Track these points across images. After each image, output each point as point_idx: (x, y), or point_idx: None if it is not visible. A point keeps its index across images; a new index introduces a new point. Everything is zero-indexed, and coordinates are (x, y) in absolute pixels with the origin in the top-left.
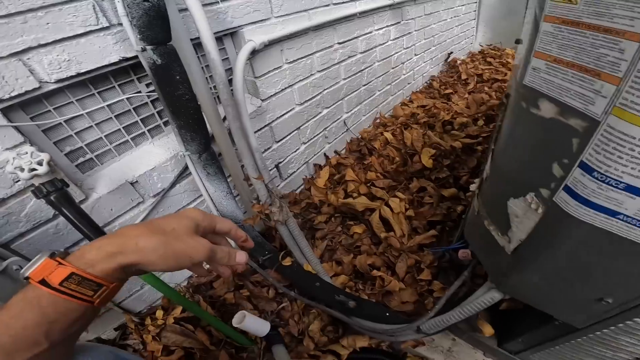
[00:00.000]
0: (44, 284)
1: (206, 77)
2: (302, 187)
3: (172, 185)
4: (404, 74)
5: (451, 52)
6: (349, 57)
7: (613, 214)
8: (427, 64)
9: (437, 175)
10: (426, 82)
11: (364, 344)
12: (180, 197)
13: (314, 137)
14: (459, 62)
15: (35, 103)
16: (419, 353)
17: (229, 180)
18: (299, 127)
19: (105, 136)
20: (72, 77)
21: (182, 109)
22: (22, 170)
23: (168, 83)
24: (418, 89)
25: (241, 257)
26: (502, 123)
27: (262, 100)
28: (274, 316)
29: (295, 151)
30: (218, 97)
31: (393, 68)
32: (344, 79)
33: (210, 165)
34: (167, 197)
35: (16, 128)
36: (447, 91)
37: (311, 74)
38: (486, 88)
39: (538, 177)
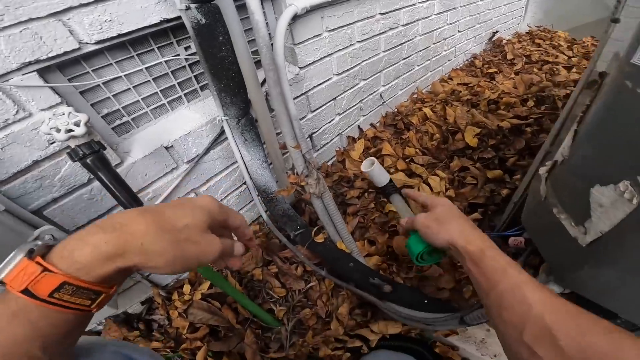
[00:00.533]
0: (28, 294)
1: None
2: (334, 159)
3: (207, 151)
4: (445, 50)
5: (497, 31)
6: (390, 29)
7: None
8: (470, 42)
9: (481, 155)
10: (467, 60)
11: (396, 330)
12: (213, 164)
13: (350, 108)
14: (504, 41)
15: (73, 64)
16: (450, 342)
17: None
18: (334, 98)
19: (142, 99)
20: (112, 38)
21: (223, 71)
22: (58, 131)
23: (211, 44)
24: (458, 67)
25: (239, 248)
26: (591, 103)
27: (300, 68)
28: (302, 295)
29: (329, 122)
30: (256, 62)
31: (434, 43)
32: (384, 51)
33: (248, 131)
34: (201, 164)
35: (52, 89)
36: (490, 70)
37: (351, 44)
38: (535, 69)
39: (638, 164)
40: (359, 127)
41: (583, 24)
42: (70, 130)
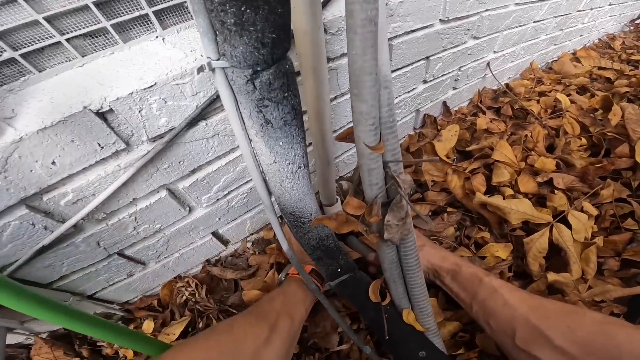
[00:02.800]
0: None
1: None
2: (402, 141)
3: (192, 122)
4: (584, 23)
5: None
6: None
7: None
8: (612, 19)
9: None
10: (599, 39)
11: None
12: (204, 144)
13: (442, 76)
14: None
15: None
16: None
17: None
18: (428, 57)
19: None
20: None
21: None
22: None
23: None
24: (588, 44)
25: None
26: None
27: None
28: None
29: (410, 91)
30: None
31: (578, 11)
32: (516, 4)
33: (277, 103)
34: (179, 144)
35: None
36: (634, 57)
37: None
38: None
39: None
40: (444, 103)
41: None
42: None
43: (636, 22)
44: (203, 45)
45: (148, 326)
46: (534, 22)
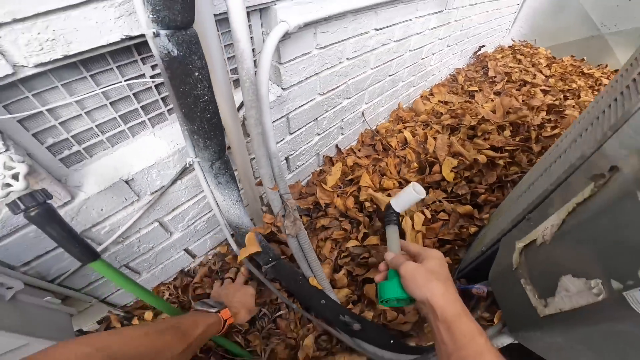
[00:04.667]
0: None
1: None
2: (310, 178)
3: (173, 182)
4: (432, 65)
5: (483, 45)
6: (383, 44)
7: None
8: (456, 56)
9: (456, 190)
10: (450, 74)
11: None
12: (180, 193)
13: (330, 128)
14: (487, 55)
15: (10, 88)
16: None
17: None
18: (316, 118)
19: (96, 126)
20: (57, 60)
21: (197, 112)
22: None
23: (184, 80)
24: (440, 81)
25: None
26: (591, 196)
27: (283, 89)
28: (271, 324)
29: (308, 143)
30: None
31: (422, 59)
32: (372, 68)
33: (223, 174)
34: (166, 195)
35: None
36: (471, 88)
37: (340, 62)
38: (514, 91)
39: (617, 270)
40: (337, 146)
41: (567, 42)
42: (8, 185)
43: (477, 54)
44: (189, 151)
45: (149, 315)
46: (390, 75)
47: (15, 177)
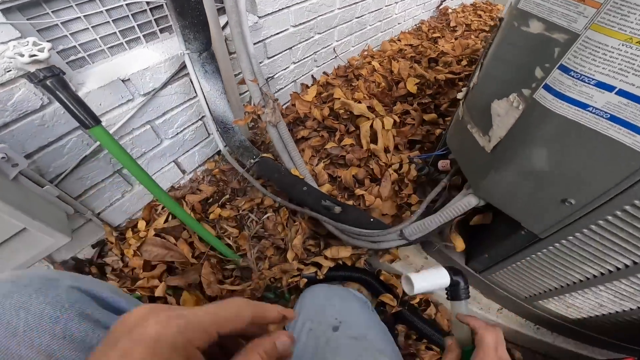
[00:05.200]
0: None
1: None
2: (289, 102)
3: (164, 85)
4: (396, 14)
5: (444, 0)
6: None
7: (584, 106)
8: (420, 8)
9: (420, 100)
10: (415, 25)
11: (346, 254)
12: (170, 98)
13: (304, 58)
14: (450, 10)
15: (34, 6)
16: (394, 269)
17: None
18: (290, 47)
19: (100, 38)
20: None
21: (189, 9)
22: (22, 55)
23: None
24: (407, 30)
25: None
26: (492, 41)
27: (259, 17)
28: (259, 226)
29: (285, 69)
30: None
31: (386, 6)
32: (339, 8)
33: (209, 63)
34: (157, 97)
35: (13, 25)
36: (435, 35)
37: None
38: (473, 37)
39: (522, 80)
40: (312, 76)
41: None
42: (34, 55)
43: (439, 7)
44: (180, 45)
45: (142, 224)
46: (356, 18)
47: (40, 50)
